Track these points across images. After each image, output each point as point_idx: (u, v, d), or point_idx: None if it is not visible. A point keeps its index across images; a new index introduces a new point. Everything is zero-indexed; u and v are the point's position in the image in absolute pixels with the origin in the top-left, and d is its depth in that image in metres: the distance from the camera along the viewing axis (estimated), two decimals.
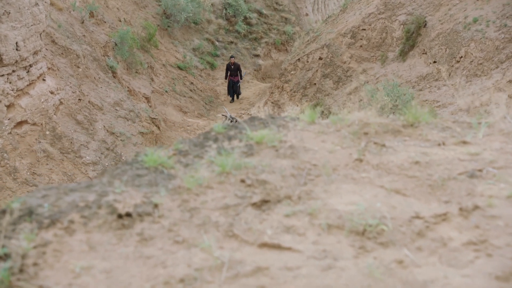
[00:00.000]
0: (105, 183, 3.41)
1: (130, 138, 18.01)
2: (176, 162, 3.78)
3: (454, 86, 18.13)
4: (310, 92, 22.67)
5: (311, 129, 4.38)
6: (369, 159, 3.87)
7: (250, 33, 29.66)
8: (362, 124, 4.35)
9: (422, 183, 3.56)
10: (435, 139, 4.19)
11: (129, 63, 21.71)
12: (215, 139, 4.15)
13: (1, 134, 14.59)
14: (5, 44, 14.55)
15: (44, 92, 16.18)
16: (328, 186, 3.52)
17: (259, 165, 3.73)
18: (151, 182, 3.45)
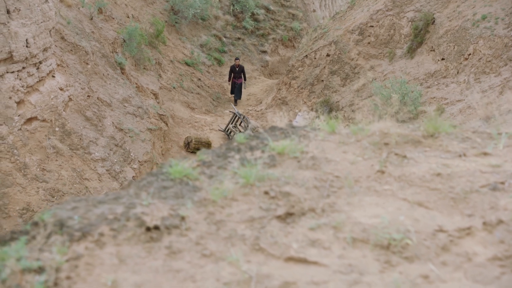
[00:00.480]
0: (132, 195, 3.42)
1: (138, 134, 18.08)
2: (201, 174, 3.78)
3: (463, 83, 18.13)
4: (317, 89, 22.68)
5: (332, 140, 4.37)
6: (391, 171, 3.85)
7: (257, 29, 29.64)
8: (382, 135, 4.34)
9: (445, 195, 3.53)
10: (456, 150, 4.17)
11: (137, 60, 21.76)
12: (237, 149, 4.16)
13: (12, 131, 14.65)
14: (15, 41, 14.60)
15: (54, 88, 16.23)
16: (351, 198, 3.51)
17: (282, 176, 3.72)
18: (177, 194, 3.45)
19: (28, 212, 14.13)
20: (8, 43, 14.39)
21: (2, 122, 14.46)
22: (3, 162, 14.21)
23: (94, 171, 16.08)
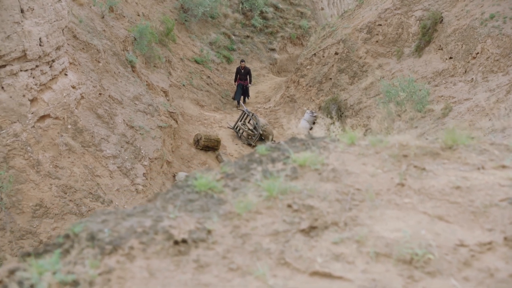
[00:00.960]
0: (159, 208, 3.44)
1: (149, 132, 18.15)
2: (225, 186, 3.80)
3: (470, 82, 18.13)
4: (325, 87, 22.72)
5: (351, 151, 4.38)
6: (411, 184, 3.86)
7: (266, 27, 29.67)
8: (401, 147, 4.35)
9: (464, 209, 3.55)
10: (474, 162, 4.17)
11: (147, 57, 21.85)
12: (259, 161, 4.17)
13: (25, 128, 14.76)
14: (29, 40, 14.70)
15: (66, 86, 16.33)
16: (372, 212, 3.53)
17: (304, 189, 3.73)
18: (202, 207, 3.49)
19: (41, 208, 14.23)
20: (22, 41, 14.50)
21: (16, 119, 14.57)
22: (17, 159, 14.32)
23: (105, 168, 16.16)
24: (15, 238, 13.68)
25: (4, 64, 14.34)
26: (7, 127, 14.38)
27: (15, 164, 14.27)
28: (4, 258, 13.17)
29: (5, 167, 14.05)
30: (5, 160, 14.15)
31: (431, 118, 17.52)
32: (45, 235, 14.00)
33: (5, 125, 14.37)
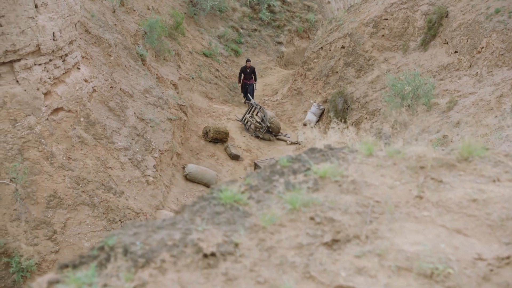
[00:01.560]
0: (187, 221, 3.49)
1: (159, 124, 18.26)
2: (249, 198, 3.84)
3: (475, 76, 18.14)
4: (332, 80, 22.78)
5: (369, 162, 4.40)
6: (428, 196, 3.87)
7: (273, 21, 29.70)
8: (418, 159, 4.37)
9: (482, 222, 3.56)
10: (490, 174, 4.17)
11: (157, 51, 21.94)
12: (281, 173, 4.19)
13: (39, 121, 14.86)
14: (43, 35, 14.79)
15: (79, 80, 16.43)
16: (392, 224, 3.55)
17: (325, 201, 3.76)
18: (229, 220, 3.53)
19: (55, 199, 14.31)
20: (36, 36, 14.59)
21: (30, 112, 14.67)
22: (32, 151, 14.40)
23: (117, 160, 16.27)
24: (30, 228, 13.81)
25: (19, 58, 14.42)
26: (21, 119, 14.48)
27: (29, 156, 14.35)
28: (19, 248, 13.31)
29: (20, 158, 14.14)
30: (20, 152, 14.23)
31: (436, 111, 17.54)
32: (59, 225, 14.12)
33: (20, 117, 14.46)
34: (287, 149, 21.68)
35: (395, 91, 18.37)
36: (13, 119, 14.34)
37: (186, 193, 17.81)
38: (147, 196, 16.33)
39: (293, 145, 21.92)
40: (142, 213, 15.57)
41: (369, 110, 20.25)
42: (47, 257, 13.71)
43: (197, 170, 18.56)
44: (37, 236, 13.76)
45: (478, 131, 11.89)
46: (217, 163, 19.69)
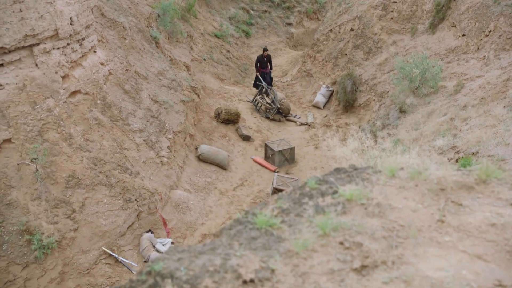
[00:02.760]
0: (226, 245, 3.62)
1: (172, 106, 18.40)
2: (282, 222, 3.94)
3: (482, 59, 18.18)
4: (341, 62, 22.87)
5: (392, 184, 4.47)
6: (450, 221, 3.96)
7: (283, 2, 29.74)
8: (439, 181, 4.43)
9: (501, 248, 3.61)
10: (507, 197, 4.21)
11: (170, 33, 22.01)
12: (310, 195, 4.29)
13: (58, 103, 15.04)
14: (61, 19, 14.94)
15: (95, 63, 16.59)
16: (416, 249, 3.63)
17: (353, 225, 3.85)
18: (265, 245, 3.63)
19: (73, 179, 14.51)
20: (54, 21, 14.72)
21: (49, 95, 14.84)
22: (51, 133, 14.61)
23: (132, 141, 16.48)
24: (50, 206, 14.02)
25: (38, 43, 14.57)
26: (41, 102, 14.65)
27: (49, 137, 14.54)
28: (40, 226, 13.52)
29: (40, 140, 14.33)
30: (40, 133, 14.42)
31: (443, 94, 17.62)
32: (77, 205, 14.34)
33: (39, 100, 14.63)
34: (297, 130, 21.83)
35: (403, 74, 18.47)
36: (32, 101, 14.50)
37: (199, 173, 17.98)
38: (161, 176, 16.55)
39: (302, 126, 22.07)
40: (157, 193, 15.81)
41: (378, 92, 20.36)
42: (67, 235, 13.97)
43: (210, 151, 18.69)
44: (57, 215, 13.99)
45: (487, 122, 11.98)
46: (228, 143, 19.85)
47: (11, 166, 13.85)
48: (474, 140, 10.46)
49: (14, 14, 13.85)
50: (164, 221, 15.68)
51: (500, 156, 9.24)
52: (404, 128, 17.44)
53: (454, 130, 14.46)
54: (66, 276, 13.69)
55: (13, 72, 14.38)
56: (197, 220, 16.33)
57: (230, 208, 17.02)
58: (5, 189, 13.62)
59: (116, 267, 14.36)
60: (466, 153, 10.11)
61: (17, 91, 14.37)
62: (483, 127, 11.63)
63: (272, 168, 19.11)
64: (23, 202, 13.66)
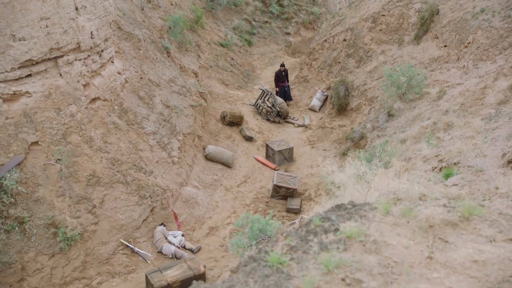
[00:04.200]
0: (242, 283, 3.70)
1: (182, 110, 18.48)
2: (291, 260, 4.00)
3: (462, 68, 18.25)
4: (335, 70, 22.94)
5: (387, 221, 4.53)
6: (437, 257, 4.01)
7: (282, 14, 29.73)
8: (427, 219, 4.47)
9: (482, 284, 3.66)
10: (487, 234, 4.26)
11: (180, 43, 22.05)
12: (315, 232, 4.36)
13: (79, 109, 15.15)
14: (82, 34, 15.06)
15: (113, 72, 16.68)
16: (408, 285, 3.67)
17: (353, 261, 3.91)
18: (276, 283, 3.69)
19: (94, 178, 14.63)
20: (76, 35, 14.84)
21: (71, 102, 14.95)
22: (73, 136, 14.72)
23: (146, 143, 16.54)
24: (73, 202, 14.14)
25: (62, 55, 14.68)
26: (64, 108, 14.76)
27: (72, 140, 14.66)
28: (65, 220, 13.65)
29: (63, 142, 14.46)
30: (64, 136, 14.55)
31: (427, 100, 17.70)
32: (97, 201, 14.46)
33: (63, 106, 14.75)
34: (295, 131, 21.92)
35: (391, 81, 18.58)
36: (57, 108, 14.62)
37: (206, 171, 18.05)
38: (172, 174, 16.64)
39: (300, 128, 22.17)
40: (168, 189, 15.94)
41: (368, 97, 20.48)
42: (88, 228, 14.13)
43: (216, 151, 18.74)
44: (79, 210, 14.14)
45: (467, 133, 12.05)
46: (233, 144, 19.90)
47: (38, 166, 13.97)
48: (456, 150, 10.51)
49: (41, 29, 13.97)
50: (175, 215, 15.79)
51: (478, 167, 9.28)
52: (392, 130, 17.56)
53: (438, 133, 14.57)
54: (87, 265, 13.86)
55: (40, 81, 14.49)
56: (205, 214, 16.43)
57: (235, 203, 17.10)
58: (33, 187, 13.73)
59: (132, 257, 14.50)
60: (448, 163, 10.13)
61: (43, 98, 14.48)
62: (463, 138, 11.68)
63: (272, 166, 19.22)
64: (49, 198, 13.79)
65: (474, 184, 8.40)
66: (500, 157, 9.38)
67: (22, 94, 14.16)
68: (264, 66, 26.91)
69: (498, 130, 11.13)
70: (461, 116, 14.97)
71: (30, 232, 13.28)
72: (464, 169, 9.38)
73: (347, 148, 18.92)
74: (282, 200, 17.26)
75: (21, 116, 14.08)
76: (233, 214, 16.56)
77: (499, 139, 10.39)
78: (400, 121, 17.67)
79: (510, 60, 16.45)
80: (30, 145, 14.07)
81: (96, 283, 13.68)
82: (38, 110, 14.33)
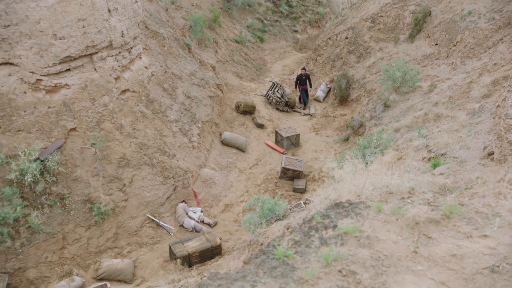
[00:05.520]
0: (254, 273, 3.75)
1: (201, 100, 18.49)
2: (295, 253, 4.06)
3: (451, 64, 18.19)
4: (337, 64, 22.88)
5: (379, 219, 4.56)
6: (422, 252, 4.06)
7: (291, 13, 29.50)
8: (414, 217, 4.51)
9: (459, 276, 3.71)
10: (465, 231, 4.30)
11: (199, 40, 21.98)
12: (316, 228, 4.41)
13: (111, 99, 15.29)
14: (114, 33, 15.16)
15: (141, 67, 16.77)
16: (396, 276, 3.74)
17: (348, 255, 3.96)
18: (282, 274, 3.76)
19: (124, 160, 14.80)
20: (109, 34, 14.95)
21: (104, 93, 15.11)
22: (106, 123, 14.93)
23: (170, 130, 16.62)
24: (106, 181, 14.34)
25: (96, 52, 14.83)
26: (98, 99, 14.95)
27: (105, 127, 14.86)
28: (99, 197, 13.85)
29: (98, 129, 14.66)
30: (98, 124, 14.76)
31: (419, 93, 17.64)
32: (127, 180, 14.62)
33: (98, 97, 14.93)
34: (301, 119, 21.91)
35: (387, 75, 18.56)
36: (92, 98, 14.82)
37: (222, 155, 18.10)
38: (192, 157, 16.73)
39: (306, 116, 22.19)
40: (189, 171, 16.05)
41: (367, 89, 20.45)
42: (119, 204, 14.35)
43: (231, 136, 18.79)
44: (111, 188, 14.37)
45: (453, 127, 12.00)
46: (246, 130, 19.93)
47: (76, 150, 14.21)
48: (443, 142, 10.46)
49: (78, 29, 14.11)
50: (195, 194, 15.94)
51: (462, 158, 9.27)
52: (388, 119, 17.58)
53: (428, 123, 14.59)
54: (119, 236, 14.12)
55: (77, 75, 14.65)
56: (221, 193, 16.55)
57: (248, 183, 17.19)
58: (71, 168, 13.95)
59: (158, 229, 14.70)
60: (436, 153, 10.13)
61: (80, 90, 14.64)
62: (450, 131, 11.63)
63: (281, 150, 19.28)
64: (85, 178, 14.03)
65: (458, 173, 8.40)
66: (482, 149, 9.40)
67: (62, 86, 14.36)
68: (274, 61, 26.74)
69: (480, 124, 11.12)
70: (449, 108, 14.94)
71: (70, 207, 13.55)
72: (450, 160, 9.37)
73: (348, 135, 19.01)
74: (289, 181, 17.39)
75: (61, 106, 14.30)
76: (246, 193, 16.66)
77: (481, 133, 10.40)
78: (395, 112, 17.67)
79: (494, 58, 16.33)
80: (69, 131, 14.29)
81: (126, 252, 13.92)
82: (76, 100, 14.54)
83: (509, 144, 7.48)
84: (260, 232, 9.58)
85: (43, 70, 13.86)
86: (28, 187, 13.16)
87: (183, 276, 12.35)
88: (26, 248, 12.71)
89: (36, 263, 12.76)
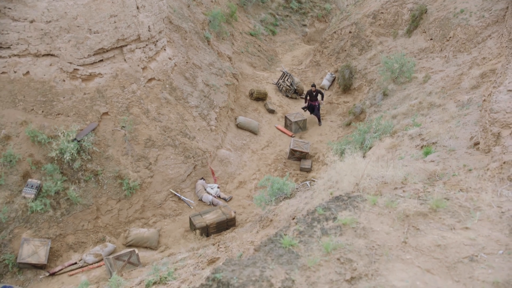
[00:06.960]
0: (263, 260, 3.80)
1: (219, 88, 18.55)
2: (300, 242, 4.10)
3: (444, 58, 18.11)
4: (341, 56, 22.79)
5: (374, 211, 4.57)
6: (410, 242, 4.08)
7: (300, 9, 29.23)
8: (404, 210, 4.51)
9: (442, 264, 3.74)
10: (449, 223, 4.31)
11: (218, 33, 21.96)
12: (318, 220, 4.43)
13: (139, 87, 15.47)
14: (142, 28, 15.30)
15: (165, 58, 16.91)
16: (388, 264, 3.78)
17: (346, 244, 3.98)
18: (288, 261, 3.80)
19: (149, 141, 14.99)
20: (137, 29, 15.10)
21: (133, 81, 15.30)
22: (134, 108, 15.11)
23: (190, 115, 16.74)
24: (134, 160, 14.58)
25: (126, 44, 15.00)
26: (128, 86, 15.15)
27: (133, 111, 15.05)
28: (128, 174, 14.09)
29: (127, 113, 14.89)
30: (127, 109, 14.97)
31: (415, 83, 17.61)
32: (152, 159, 14.82)
33: (127, 85, 15.13)
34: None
35: (386, 67, 18.50)
36: (122, 86, 15.02)
37: (237, 137, 18.17)
38: (210, 139, 16.85)
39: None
40: (207, 151, 16.19)
41: (368, 79, 20.40)
42: (146, 180, 14.58)
43: (245, 121, 18.86)
44: (139, 166, 14.59)
45: (444, 117, 11.95)
46: (258, 115, 19.97)
47: (108, 131, 14.46)
48: (434, 132, 10.37)
49: (110, 24, 14.27)
50: (212, 172, 16.12)
51: (451, 147, 9.24)
52: (386, 107, 17.59)
53: (422, 111, 14.60)
54: (145, 208, 14.39)
55: (109, 65, 14.85)
56: (235, 171, 16.69)
57: (259, 163, 17.30)
58: (104, 147, 14.21)
59: (179, 203, 14.93)
60: (428, 142, 10.11)
61: (111, 78, 14.84)
62: (441, 121, 11.56)
63: (290, 134, 19.33)
64: (116, 156, 14.29)
65: (447, 161, 8.40)
66: (469, 139, 9.40)
67: (96, 75, 14.57)
68: (285, 52, 26.60)
69: (468, 116, 11.09)
70: (441, 97, 14.91)
71: (102, 182, 13.83)
72: (440, 148, 9.37)
73: (350, 121, 19.05)
74: (296, 161, 17.52)
75: (95, 92, 14.50)
76: (258, 171, 16.80)
77: (469, 124, 10.37)
78: (393, 100, 17.66)
79: (483, 53, 16.23)
80: (102, 115, 14.51)
81: (152, 222, 14.19)
82: (108, 87, 14.73)
83: (493, 136, 7.54)
84: (269, 210, 9.75)
85: (79, 60, 14.07)
86: (67, 164, 13.45)
87: (201, 245, 12.60)
88: (65, 217, 13.04)
89: (74, 231, 13.10)
